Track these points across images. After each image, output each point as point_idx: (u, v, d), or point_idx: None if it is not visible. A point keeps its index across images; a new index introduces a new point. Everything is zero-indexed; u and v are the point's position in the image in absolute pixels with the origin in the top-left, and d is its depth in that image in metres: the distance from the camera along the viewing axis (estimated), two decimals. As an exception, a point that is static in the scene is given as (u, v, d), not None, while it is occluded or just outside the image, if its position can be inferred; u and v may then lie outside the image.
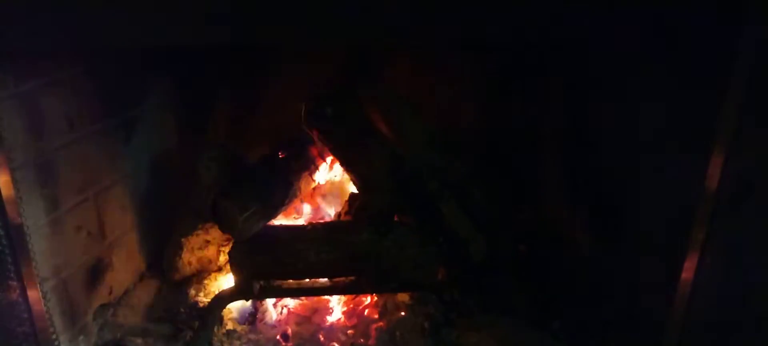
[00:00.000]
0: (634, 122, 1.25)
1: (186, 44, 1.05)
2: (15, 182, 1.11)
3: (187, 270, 1.66)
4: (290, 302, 1.59)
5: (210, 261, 1.70)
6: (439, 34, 1.04)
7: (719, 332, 1.12)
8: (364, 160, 1.55)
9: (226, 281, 1.64)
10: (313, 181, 1.68)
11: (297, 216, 1.78)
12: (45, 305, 1.19)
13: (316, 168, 1.67)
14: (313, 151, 1.66)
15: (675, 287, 1.10)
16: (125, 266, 1.57)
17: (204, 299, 1.58)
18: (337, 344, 1.46)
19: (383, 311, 1.54)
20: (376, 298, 1.58)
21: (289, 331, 1.51)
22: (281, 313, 1.56)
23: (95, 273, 1.44)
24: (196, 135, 1.80)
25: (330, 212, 1.77)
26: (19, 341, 1.20)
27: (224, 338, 1.47)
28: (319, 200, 1.78)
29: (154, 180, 1.67)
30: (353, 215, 1.67)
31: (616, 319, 1.33)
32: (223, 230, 1.51)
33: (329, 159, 1.70)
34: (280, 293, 1.52)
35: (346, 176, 1.69)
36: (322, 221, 1.71)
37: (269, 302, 1.56)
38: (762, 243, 1.05)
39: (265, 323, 1.53)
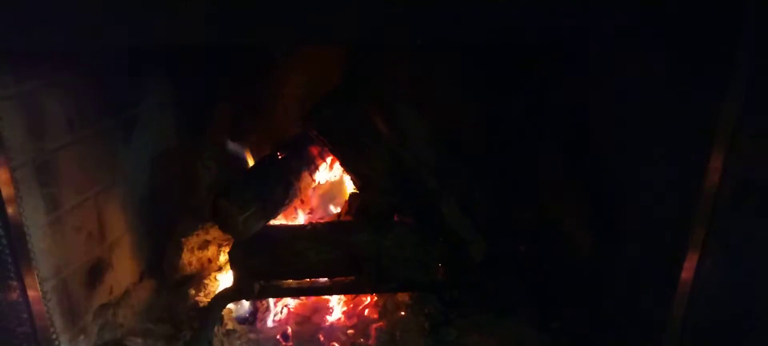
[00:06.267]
0: (634, 121, 1.25)
1: (186, 44, 1.05)
2: (15, 181, 1.11)
3: (187, 270, 1.66)
4: (290, 302, 1.59)
5: (210, 261, 1.70)
6: (434, 35, 1.04)
7: (719, 331, 1.12)
8: (364, 160, 1.55)
9: (226, 280, 1.64)
10: (313, 180, 1.68)
11: (297, 216, 1.78)
12: (45, 304, 1.19)
13: (316, 168, 1.67)
14: (313, 151, 1.66)
15: (675, 287, 1.10)
16: (125, 266, 1.57)
17: (204, 298, 1.58)
18: (337, 343, 1.46)
19: (383, 311, 1.55)
20: (376, 298, 1.58)
21: (289, 330, 1.51)
22: (281, 312, 1.56)
23: (95, 273, 1.44)
24: (196, 135, 1.80)
25: (330, 211, 1.77)
26: (19, 341, 1.20)
27: (224, 338, 1.47)
28: (319, 199, 1.78)
29: (154, 180, 1.67)
30: (353, 214, 1.67)
31: (616, 319, 1.33)
32: (223, 229, 1.51)
33: (329, 159, 1.70)
34: (280, 293, 1.52)
35: (346, 176, 1.69)
36: (322, 221, 1.71)
37: (269, 301, 1.56)
38: (762, 242, 1.05)
39: (265, 323, 1.54)
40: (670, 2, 0.98)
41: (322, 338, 1.48)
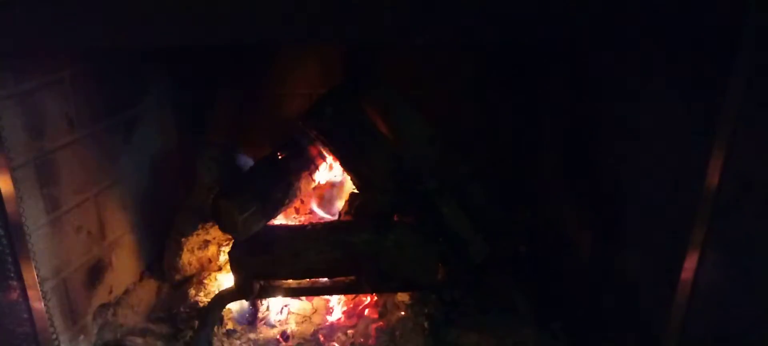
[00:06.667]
0: (634, 121, 1.25)
1: (186, 44, 1.04)
2: (15, 181, 1.11)
3: (187, 270, 1.66)
4: (290, 302, 1.59)
5: (210, 261, 1.70)
6: (434, 35, 1.04)
7: (719, 332, 1.12)
8: (364, 159, 1.55)
9: (226, 280, 1.64)
10: (313, 181, 1.68)
11: (297, 216, 1.78)
12: (45, 305, 1.19)
13: (316, 168, 1.67)
14: (313, 151, 1.66)
15: (675, 287, 1.10)
16: (125, 266, 1.57)
17: (204, 298, 1.58)
18: (337, 343, 1.46)
19: (383, 311, 1.55)
20: (376, 298, 1.58)
21: (289, 330, 1.51)
22: (281, 312, 1.56)
23: (95, 273, 1.44)
24: (196, 135, 1.81)
25: (330, 211, 1.77)
26: (19, 341, 1.20)
27: (224, 338, 1.47)
28: (318, 199, 1.78)
29: (154, 180, 1.67)
30: (353, 214, 1.67)
31: (616, 319, 1.33)
32: (223, 229, 1.51)
33: (329, 159, 1.70)
34: (280, 293, 1.52)
35: (346, 176, 1.69)
36: (322, 221, 1.71)
37: (269, 301, 1.56)
38: (762, 242, 1.05)
39: (265, 323, 1.54)
40: (671, 2, 0.98)
41: (322, 338, 1.48)
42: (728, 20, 0.93)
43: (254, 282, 1.47)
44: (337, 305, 1.58)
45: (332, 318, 1.55)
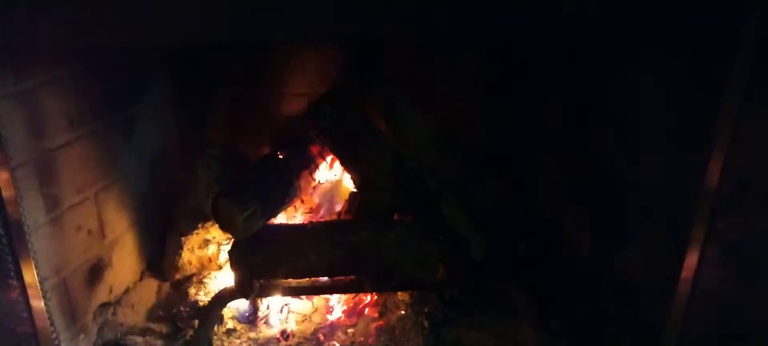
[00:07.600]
0: (634, 121, 1.25)
1: (186, 44, 1.04)
2: (15, 180, 1.11)
3: (188, 269, 1.67)
4: (291, 301, 1.59)
5: (210, 260, 1.70)
6: (434, 35, 1.04)
7: (719, 331, 1.12)
8: (364, 159, 1.55)
9: (226, 279, 1.64)
10: (314, 180, 1.68)
11: (297, 215, 1.78)
12: (45, 304, 1.19)
13: (317, 167, 1.67)
14: (314, 150, 1.66)
15: (675, 287, 1.10)
16: (125, 265, 1.57)
17: (204, 297, 1.58)
18: (338, 342, 1.46)
19: (383, 310, 1.55)
20: (376, 297, 1.58)
21: (290, 329, 1.51)
22: (282, 311, 1.56)
23: (95, 272, 1.44)
24: (196, 134, 1.80)
25: (330, 210, 1.77)
26: (19, 340, 1.20)
27: (224, 337, 1.47)
28: (319, 198, 1.78)
29: (154, 179, 1.67)
30: (353, 213, 1.67)
31: (616, 319, 1.33)
32: (223, 228, 1.51)
33: (329, 158, 1.70)
34: (281, 292, 1.52)
35: (347, 175, 1.69)
36: (322, 220, 1.71)
37: (270, 300, 1.56)
38: (762, 242, 1.05)
39: (265, 322, 1.54)
40: (671, 3, 0.98)
41: (322, 337, 1.49)
42: (728, 20, 0.93)
43: (254, 281, 1.47)
44: (337, 304, 1.58)
45: (332, 317, 1.56)
